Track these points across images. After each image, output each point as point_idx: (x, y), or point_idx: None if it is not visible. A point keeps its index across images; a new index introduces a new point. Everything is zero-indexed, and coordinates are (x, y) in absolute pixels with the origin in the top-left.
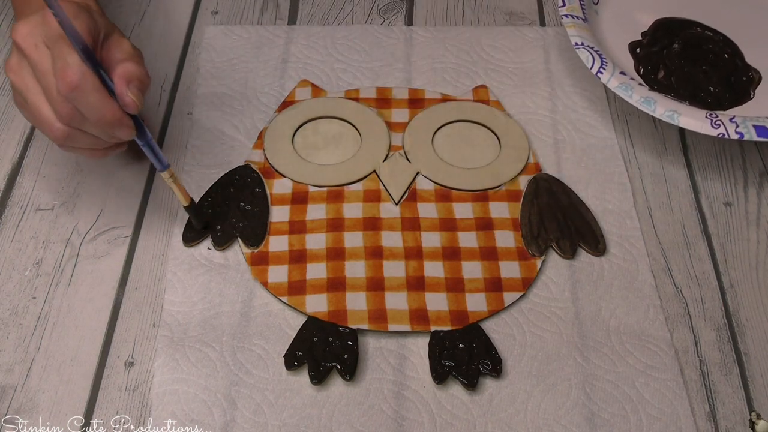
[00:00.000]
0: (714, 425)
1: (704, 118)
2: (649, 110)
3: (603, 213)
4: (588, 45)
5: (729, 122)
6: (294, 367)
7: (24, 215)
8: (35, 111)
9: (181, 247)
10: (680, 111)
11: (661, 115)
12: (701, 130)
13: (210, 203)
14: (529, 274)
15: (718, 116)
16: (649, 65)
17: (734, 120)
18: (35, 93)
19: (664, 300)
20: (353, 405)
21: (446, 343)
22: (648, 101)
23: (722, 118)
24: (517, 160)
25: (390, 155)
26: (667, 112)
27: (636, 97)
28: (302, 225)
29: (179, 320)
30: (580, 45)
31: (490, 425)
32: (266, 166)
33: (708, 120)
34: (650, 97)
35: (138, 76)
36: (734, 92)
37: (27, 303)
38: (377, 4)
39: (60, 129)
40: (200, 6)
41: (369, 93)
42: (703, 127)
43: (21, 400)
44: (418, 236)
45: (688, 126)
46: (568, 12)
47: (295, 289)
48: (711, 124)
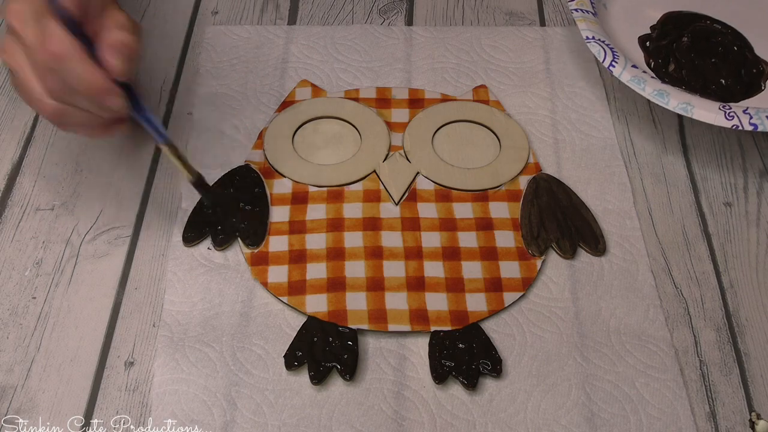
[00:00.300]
0: (714, 425)
1: (718, 110)
2: (662, 103)
3: (603, 213)
4: (599, 39)
5: (743, 114)
6: (294, 367)
7: (24, 215)
8: (27, 88)
9: (181, 247)
10: (694, 103)
11: (675, 107)
12: (716, 122)
13: (210, 204)
14: (529, 274)
15: (731, 108)
16: (659, 58)
17: (747, 111)
18: (26, 70)
19: (664, 300)
20: (353, 405)
21: (446, 343)
22: (661, 94)
23: (735, 110)
24: (517, 160)
25: (390, 155)
26: (680, 105)
27: (649, 90)
28: (302, 225)
29: (179, 320)
30: (591, 39)
31: (490, 425)
32: (266, 166)
33: (722, 112)
34: (664, 90)
35: (125, 42)
36: (745, 84)
37: (27, 303)
38: (377, 4)
39: (51, 105)
40: (200, 6)
41: (369, 93)
42: (717, 118)
43: (21, 400)
44: (418, 236)
45: (702, 118)
46: (577, 6)
47: (295, 289)
48: (725, 115)
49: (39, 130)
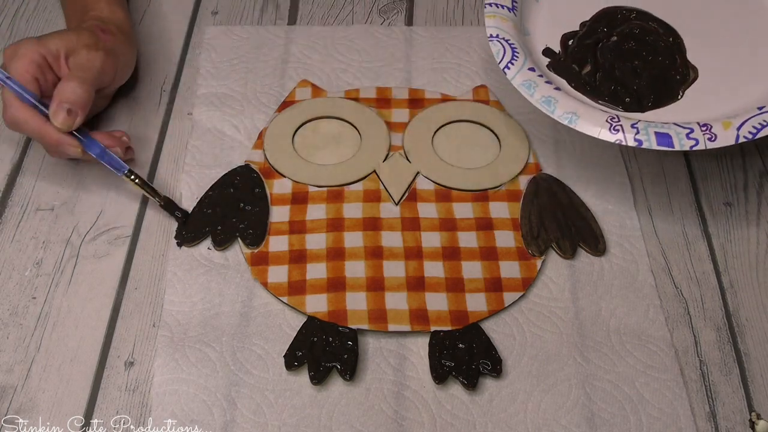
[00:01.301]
0: (714, 425)
1: (604, 122)
2: (548, 111)
3: (603, 213)
4: (503, 37)
5: (630, 128)
6: (294, 367)
7: (24, 215)
8: None
9: (182, 247)
10: (579, 113)
11: (560, 117)
12: (598, 135)
13: (210, 203)
14: (529, 274)
15: (619, 120)
16: (576, 59)
17: (636, 126)
18: None
19: (664, 300)
20: (353, 405)
21: (446, 343)
22: (549, 101)
23: (623, 123)
24: (517, 160)
25: (390, 155)
26: (565, 114)
27: (537, 96)
28: (302, 225)
29: (179, 320)
30: (494, 37)
31: (490, 425)
32: (266, 166)
33: (607, 125)
34: (552, 97)
35: (70, 96)
36: (661, 92)
37: (27, 303)
38: (377, 4)
39: None
40: (200, 6)
41: (369, 93)
42: (600, 132)
43: (21, 400)
44: (418, 236)
45: (584, 130)
46: (493, 1)
47: (295, 289)
48: (610, 129)
49: None
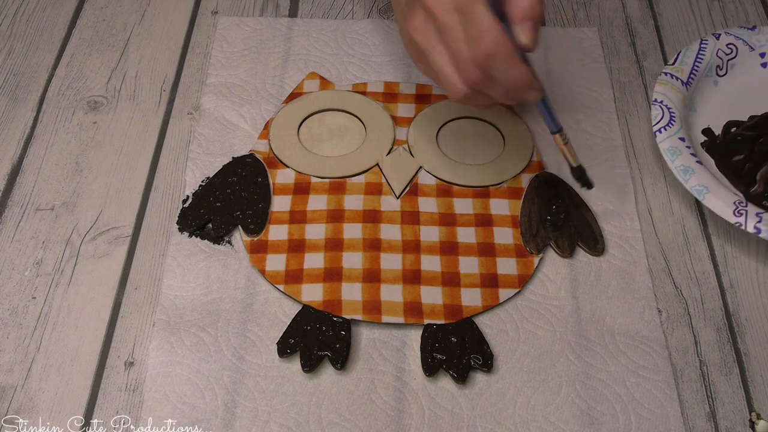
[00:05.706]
0: (714, 425)
1: (731, 204)
2: (682, 179)
3: (604, 213)
4: (666, 105)
5: (753, 216)
6: (286, 355)
7: (24, 215)
8: (438, 71)
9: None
10: (711, 188)
11: (692, 187)
12: (721, 214)
13: (213, 191)
14: (525, 272)
15: (746, 205)
16: (731, 145)
17: (760, 215)
18: (440, 55)
19: (664, 300)
20: (343, 394)
21: (439, 336)
22: (686, 170)
23: (749, 209)
24: (521, 158)
25: (393, 149)
26: (698, 186)
27: (678, 163)
28: (302, 215)
29: (176, 304)
30: (657, 102)
31: (479, 419)
32: (270, 156)
33: (733, 206)
34: (691, 167)
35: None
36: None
37: (27, 303)
38: (377, 4)
39: (463, 91)
40: (200, 6)
41: (377, 87)
42: (724, 211)
43: (21, 400)
44: (417, 230)
45: (710, 205)
46: (671, 71)
47: (291, 277)
48: (734, 211)
49: (39, 130)
